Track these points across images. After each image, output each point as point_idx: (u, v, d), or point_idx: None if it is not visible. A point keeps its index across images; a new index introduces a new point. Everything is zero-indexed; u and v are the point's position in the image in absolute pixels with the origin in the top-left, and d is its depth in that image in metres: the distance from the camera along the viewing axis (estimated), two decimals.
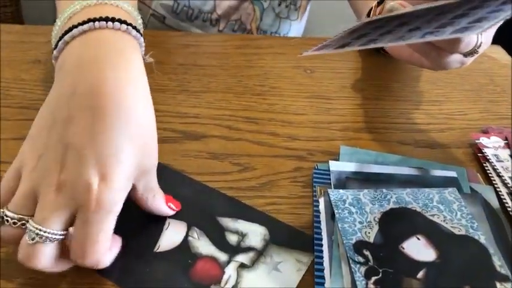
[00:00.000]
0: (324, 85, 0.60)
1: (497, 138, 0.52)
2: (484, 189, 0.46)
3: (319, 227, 0.40)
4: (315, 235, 0.40)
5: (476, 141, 0.51)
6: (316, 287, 0.36)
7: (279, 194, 0.44)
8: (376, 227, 0.40)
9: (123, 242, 0.36)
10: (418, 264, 0.37)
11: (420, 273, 0.37)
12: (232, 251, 0.38)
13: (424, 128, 0.54)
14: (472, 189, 0.45)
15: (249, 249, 0.38)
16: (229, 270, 0.37)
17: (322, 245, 0.39)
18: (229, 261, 0.37)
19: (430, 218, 0.41)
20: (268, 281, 0.36)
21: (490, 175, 0.47)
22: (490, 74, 0.65)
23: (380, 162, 0.48)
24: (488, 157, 0.49)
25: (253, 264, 0.37)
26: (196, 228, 0.40)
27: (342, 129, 0.53)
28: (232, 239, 0.39)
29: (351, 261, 0.37)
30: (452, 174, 0.47)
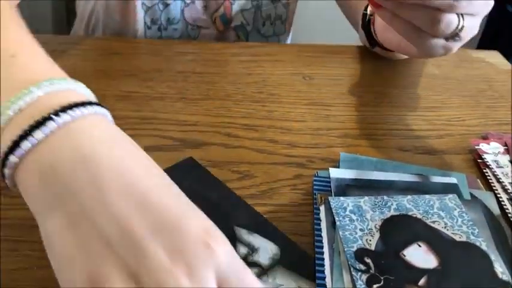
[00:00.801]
0: (323, 92, 0.60)
1: (496, 144, 0.52)
2: (484, 196, 0.46)
3: (320, 235, 0.40)
4: (316, 243, 0.40)
5: (475, 147, 0.51)
6: None
7: (279, 202, 0.44)
8: (377, 235, 0.40)
9: None
10: (420, 271, 0.37)
11: (422, 281, 0.36)
12: None
13: (423, 135, 0.54)
14: (472, 195, 0.45)
15: (255, 264, 0.38)
16: None
17: (323, 252, 0.39)
18: None
19: (431, 224, 0.41)
20: None
21: (490, 181, 0.47)
22: (488, 80, 0.65)
23: (380, 168, 0.48)
24: (488, 163, 0.49)
25: None
26: None
27: (341, 136, 0.53)
28: (241, 251, 0.39)
29: (352, 269, 0.37)
30: (453, 180, 0.46)
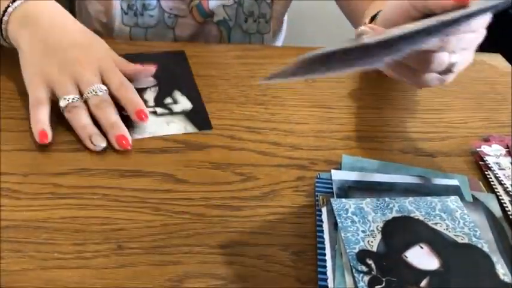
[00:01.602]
0: (325, 94, 0.60)
1: (498, 146, 0.52)
2: (486, 197, 0.46)
3: (322, 236, 0.40)
4: (318, 244, 0.40)
5: (477, 149, 0.51)
6: None
7: (282, 204, 0.44)
8: (379, 236, 0.40)
9: None
10: (422, 273, 0.37)
11: (423, 282, 0.36)
12: None
13: (425, 137, 0.55)
14: (474, 197, 0.45)
15: (168, 108, 0.52)
16: None
17: (325, 254, 0.39)
18: None
19: (433, 226, 0.41)
20: None
21: (492, 183, 0.48)
22: (491, 82, 0.66)
23: (382, 171, 0.48)
24: (489, 165, 0.49)
25: None
26: None
27: (343, 138, 0.53)
28: (168, 100, 0.54)
29: (354, 270, 0.37)
30: (454, 182, 0.47)
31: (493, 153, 0.51)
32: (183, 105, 0.55)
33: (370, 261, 0.38)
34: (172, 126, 0.52)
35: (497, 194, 0.46)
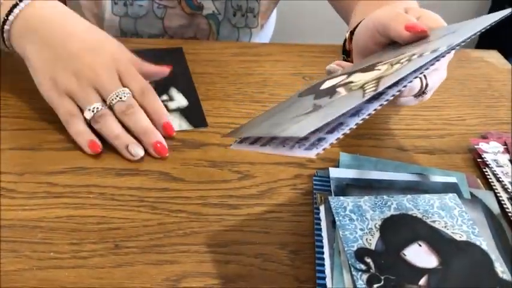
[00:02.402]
0: None
1: (496, 143, 0.52)
2: (484, 195, 0.46)
3: (320, 235, 0.40)
4: (316, 243, 0.40)
5: (475, 146, 0.51)
6: None
7: (279, 202, 0.44)
8: (377, 234, 0.40)
9: None
10: (420, 271, 0.37)
11: (422, 280, 0.36)
12: None
13: (423, 134, 0.54)
14: (472, 194, 0.45)
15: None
16: None
17: (323, 252, 0.39)
18: None
19: (431, 224, 0.41)
20: None
21: (490, 180, 0.47)
22: (488, 79, 0.65)
23: (380, 168, 0.48)
24: (487, 162, 0.49)
25: None
26: None
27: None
28: (164, 98, 0.48)
29: (352, 268, 0.37)
30: (452, 179, 0.46)
31: (491, 150, 0.51)
32: (179, 102, 0.55)
33: (368, 259, 0.37)
34: None
35: (495, 191, 0.46)
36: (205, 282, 0.37)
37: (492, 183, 0.47)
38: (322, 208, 0.42)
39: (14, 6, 0.49)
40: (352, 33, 0.53)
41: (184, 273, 0.37)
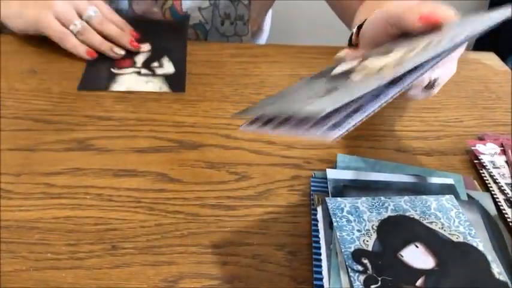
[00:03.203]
0: None
1: (493, 144, 0.52)
2: (481, 196, 0.46)
3: (317, 236, 0.40)
4: (313, 244, 0.40)
5: (472, 148, 0.51)
6: None
7: (277, 203, 0.44)
8: (374, 235, 0.40)
9: None
10: (417, 272, 0.37)
11: (419, 281, 0.36)
12: None
13: (420, 136, 0.55)
14: (469, 196, 0.45)
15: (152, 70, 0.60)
16: None
17: (320, 253, 0.39)
18: None
19: (428, 225, 0.41)
20: None
21: (486, 182, 0.48)
22: (485, 81, 0.66)
23: (377, 170, 0.48)
24: (484, 164, 0.49)
25: None
26: None
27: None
28: (154, 65, 0.62)
29: (349, 270, 0.37)
30: (449, 181, 0.47)
31: (487, 151, 0.51)
32: (166, 69, 0.61)
33: (365, 261, 0.37)
34: (149, 85, 0.58)
35: (492, 192, 0.46)
36: (202, 283, 0.37)
37: (489, 185, 0.47)
38: (319, 209, 0.42)
39: None
40: (359, 28, 0.52)
41: (181, 274, 0.37)
